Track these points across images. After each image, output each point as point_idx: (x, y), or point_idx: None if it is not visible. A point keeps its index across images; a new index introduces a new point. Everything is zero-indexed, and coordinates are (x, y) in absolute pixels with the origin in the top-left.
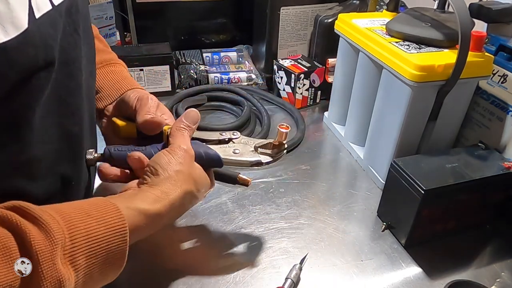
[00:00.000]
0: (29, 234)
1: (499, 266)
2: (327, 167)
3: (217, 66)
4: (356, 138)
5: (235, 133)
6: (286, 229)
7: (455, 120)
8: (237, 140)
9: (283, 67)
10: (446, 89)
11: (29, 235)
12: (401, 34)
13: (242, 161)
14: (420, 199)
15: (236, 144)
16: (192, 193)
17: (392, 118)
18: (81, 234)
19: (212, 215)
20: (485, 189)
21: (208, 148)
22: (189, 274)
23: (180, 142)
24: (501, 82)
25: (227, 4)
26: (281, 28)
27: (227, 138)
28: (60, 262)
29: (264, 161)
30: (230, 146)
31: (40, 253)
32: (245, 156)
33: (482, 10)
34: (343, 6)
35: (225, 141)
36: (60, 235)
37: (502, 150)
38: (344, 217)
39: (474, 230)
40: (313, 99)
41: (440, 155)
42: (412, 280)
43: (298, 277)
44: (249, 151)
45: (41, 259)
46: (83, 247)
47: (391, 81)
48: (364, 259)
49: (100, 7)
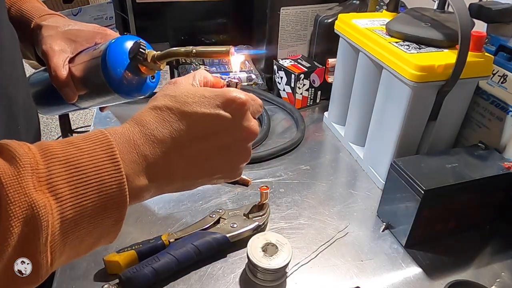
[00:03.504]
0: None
1: (499, 266)
2: (327, 167)
3: (217, 66)
4: (356, 138)
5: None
6: (286, 229)
7: (455, 120)
8: (226, 215)
9: (283, 67)
10: (446, 89)
11: None
12: (401, 34)
13: (244, 232)
14: (420, 199)
15: (228, 219)
16: (229, 146)
17: (392, 118)
18: (59, 160)
19: None
20: (485, 189)
21: (213, 234)
22: (189, 274)
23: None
24: (501, 82)
25: (227, 4)
26: (281, 28)
27: (217, 218)
28: (32, 188)
29: (260, 223)
30: (225, 223)
31: (2, 176)
32: (243, 227)
33: (482, 10)
34: (343, 6)
35: (217, 221)
36: (27, 159)
37: (502, 150)
38: (344, 217)
39: (474, 230)
40: (313, 99)
41: (440, 155)
42: (412, 280)
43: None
44: (243, 221)
45: (4, 182)
46: (63, 174)
47: (391, 81)
48: (364, 259)
49: (100, 7)
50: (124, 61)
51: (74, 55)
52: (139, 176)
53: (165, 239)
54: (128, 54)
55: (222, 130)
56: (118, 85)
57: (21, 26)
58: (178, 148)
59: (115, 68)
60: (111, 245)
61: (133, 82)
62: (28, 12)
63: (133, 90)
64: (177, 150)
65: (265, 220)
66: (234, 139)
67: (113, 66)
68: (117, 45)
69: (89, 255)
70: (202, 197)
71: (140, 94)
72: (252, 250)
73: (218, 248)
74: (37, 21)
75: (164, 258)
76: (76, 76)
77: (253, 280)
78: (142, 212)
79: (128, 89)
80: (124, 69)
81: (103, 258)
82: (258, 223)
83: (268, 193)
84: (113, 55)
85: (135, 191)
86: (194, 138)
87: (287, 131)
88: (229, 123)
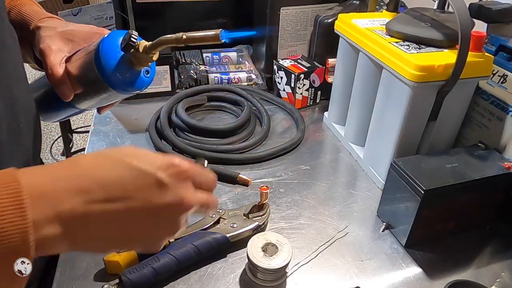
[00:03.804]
0: None
1: (499, 266)
2: (327, 167)
3: (217, 66)
4: (356, 138)
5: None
6: (286, 229)
7: (455, 120)
8: (226, 215)
9: (283, 67)
10: (446, 89)
11: None
12: (401, 34)
13: (244, 232)
14: (420, 199)
15: (228, 219)
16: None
17: (392, 118)
18: None
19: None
20: (485, 189)
21: (213, 234)
22: (189, 274)
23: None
24: (501, 82)
25: (227, 4)
26: (281, 28)
27: (217, 218)
28: None
29: (260, 223)
30: (225, 223)
31: None
32: (243, 227)
33: (482, 10)
34: (343, 6)
35: (217, 221)
36: None
37: (502, 150)
38: (344, 217)
39: (474, 230)
40: (313, 99)
41: (440, 155)
42: (412, 280)
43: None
44: (243, 220)
45: None
46: None
47: (391, 81)
48: (364, 259)
49: (100, 7)
50: (117, 54)
51: (71, 55)
52: (49, 224)
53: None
54: (120, 46)
55: (154, 191)
56: (112, 79)
57: (21, 29)
58: (102, 200)
59: (108, 61)
60: None
61: (127, 75)
62: (28, 14)
63: (127, 83)
64: (100, 203)
65: (265, 220)
66: (165, 205)
67: (106, 59)
68: (110, 39)
69: (89, 255)
70: None
71: (135, 89)
72: (252, 250)
73: (218, 248)
74: (36, 23)
75: (164, 258)
76: (72, 73)
77: (253, 280)
78: None
79: (122, 82)
80: (117, 61)
81: (103, 258)
82: (258, 223)
83: (268, 193)
84: (106, 48)
85: (43, 240)
86: (123, 192)
87: (287, 131)
88: (163, 186)
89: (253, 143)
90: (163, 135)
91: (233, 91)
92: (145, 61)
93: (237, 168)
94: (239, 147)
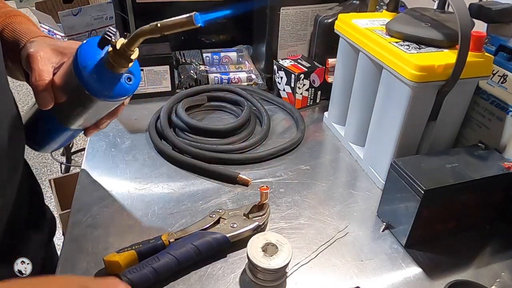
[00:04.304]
0: None
1: (499, 266)
2: (327, 167)
3: (217, 66)
4: (356, 138)
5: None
6: (286, 229)
7: (455, 120)
8: (226, 215)
9: (283, 67)
10: (446, 89)
11: None
12: (401, 34)
13: (244, 232)
14: (420, 199)
15: (228, 219)
16: None
17: (392, 118)
18: None
19: None
20: (485, 189)
21: (213, 234)
22: (189, 274)
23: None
24: (501, 82)
25: (227, 4)
26: (281, 28)
27: (217, 218)
28: None
29: (260, 223)
30: (225, 223)
31: None
32: (243, 227)
33: (482, 10)
34: (343, 6)
35: (217, 221)
36: None
37: (502, 150)
38: (344, 217)
39: (474, 230)
40: (313, 99)
41: (440, 155)
42: (412, 280)
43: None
44: (243, 221)
45: None
46: None
47: (391, 81)
48: (364, 259)
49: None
50: (96, 56)
51: (58, 66)
52: None
53: (165, 239)
54: (97, 45)
55: None
56: (90, 82)
57: (13, 47)
58: None
59: (85, 63)
60: (111, 245)
61: (106, 78)
62: (22, 32)
63: (107, 88)
64: None
65: (265, 220)
66: None
67: (83, 61)
68: (89, 43)
69: (89, 255)
70: (202, 197)
71: (116, 95)
72: (252, 250)
73: (218, 248)
74: (28, 39)
75: (164, 258)
76: (56, 83)
77: (253, 280)
78: (142, 212)
79: (102, 87)
80: (95, 63)
81: (103, 258)
82: (258, 223)
83: (268, 193)
84: (84, 52)
85: None
86: None
87: (287, 131)
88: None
89: (253, 143)
90: (163, 135)
91: (233, 91)
92: (125, 60)
93: (237, 168)
94: (239, 147)
